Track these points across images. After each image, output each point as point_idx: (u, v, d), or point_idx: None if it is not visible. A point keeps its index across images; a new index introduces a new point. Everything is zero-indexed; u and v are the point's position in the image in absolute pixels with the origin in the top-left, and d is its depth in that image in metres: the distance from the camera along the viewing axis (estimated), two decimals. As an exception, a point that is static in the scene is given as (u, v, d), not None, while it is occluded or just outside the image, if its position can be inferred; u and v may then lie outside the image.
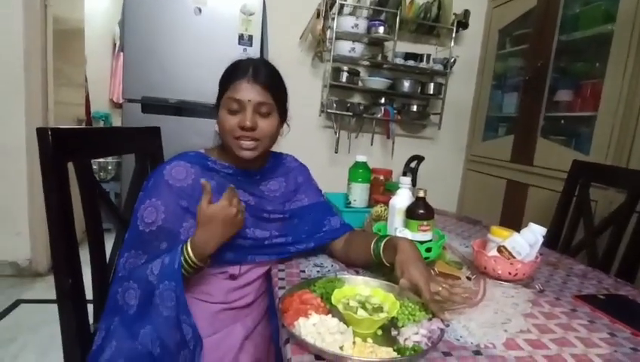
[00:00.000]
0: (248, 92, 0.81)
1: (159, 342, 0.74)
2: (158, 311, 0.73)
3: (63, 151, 0.75)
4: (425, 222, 0.90)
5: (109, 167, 3.03)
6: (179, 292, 0.72)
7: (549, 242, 1.36)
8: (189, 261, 0.75)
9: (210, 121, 2.20)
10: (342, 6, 2.48)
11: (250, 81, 0.81)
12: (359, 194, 1.28)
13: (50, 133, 0.72)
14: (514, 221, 2.23)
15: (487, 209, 2.57)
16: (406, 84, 2.61)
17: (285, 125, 0.93)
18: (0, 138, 2.11)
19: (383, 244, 0.81)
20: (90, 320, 0.85)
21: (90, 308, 0.85)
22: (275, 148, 0.97)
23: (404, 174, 1.71)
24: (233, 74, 0.84)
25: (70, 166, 0.79)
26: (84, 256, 0.81)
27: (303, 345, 0.56)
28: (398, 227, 0.95)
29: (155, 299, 0.74)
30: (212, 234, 0.75)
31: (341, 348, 0.56)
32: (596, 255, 1.27)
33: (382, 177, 1.39)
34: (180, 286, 0.72)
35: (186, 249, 0.75)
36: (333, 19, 2.45)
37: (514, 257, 0.88)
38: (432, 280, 0.70)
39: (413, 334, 0.60)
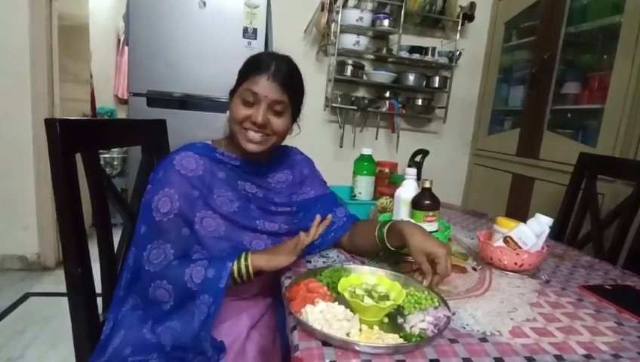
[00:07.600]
0: (266, 88, 0.82)
1: (178, 342, 0.74)
2: (191, 319, 0.73)
3: (71, 142, 0.76)
4: (431, 213, 0.91)
5: (115, 163, 3.05)
6: (212, 311, 0.71)
7: (556, 235, 1.35)
8: (245, 268, 0.75)
9: (216, 115, 2.26)
10: (346, -1, 2.47)
11: (270, 78, 0.82)
12: (364, 186, 1.28)
13: (58, 124, 0.73)
14: (519, 215, 2.19)
15: (493, 203, 2.56)
16: (411, 78, 2.60)
17: (296, 126, 0.94)
18: (7, 134, 2.14)
19: (386, 230, 0.82)
20: (99, 311, 0.86)
21: (98, 300, 0.86)
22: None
23: (409, 167, 1.70)
24: (254, 67, 0.84)
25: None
26: (91, 251, 0.82)
27: (310, 332, 0.56)
28: (403, 218, 0.95)
29: (193, 307, 0.73)
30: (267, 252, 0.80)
31: (348, 334, 0.56)
32: (603, 247, 1.27)
33: (387, 170, 1.39)
34: (217, 305, 0.71)
35: (246, 257, 0.75)
36: (337, 12, 2.43)
37: (520, 248, 0.87)
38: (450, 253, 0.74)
39: (420, 321, 0.60)
